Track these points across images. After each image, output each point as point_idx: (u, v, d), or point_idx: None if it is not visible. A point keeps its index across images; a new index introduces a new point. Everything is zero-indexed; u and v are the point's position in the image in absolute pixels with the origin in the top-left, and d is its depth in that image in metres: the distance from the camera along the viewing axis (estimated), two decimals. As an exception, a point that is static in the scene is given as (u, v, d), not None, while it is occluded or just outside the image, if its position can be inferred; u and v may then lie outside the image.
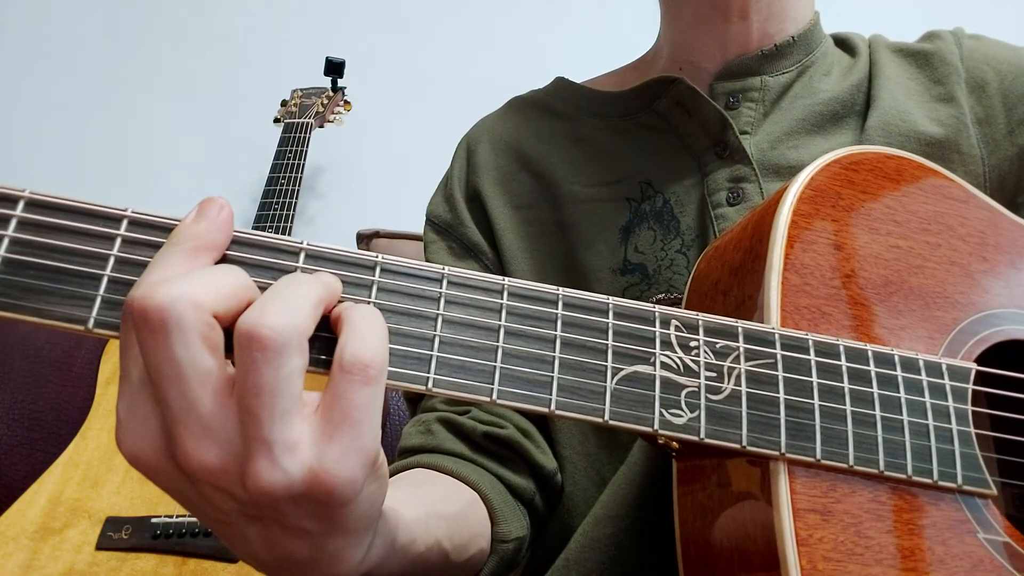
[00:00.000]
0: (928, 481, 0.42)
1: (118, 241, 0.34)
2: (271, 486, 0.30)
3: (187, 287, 0.31)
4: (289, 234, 1.32)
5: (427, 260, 0.73)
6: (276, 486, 0.30)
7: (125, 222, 0.35)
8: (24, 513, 0.92)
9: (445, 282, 0.38)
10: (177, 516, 0.91)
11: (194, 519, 0.90)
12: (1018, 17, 1.68)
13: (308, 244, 0.36)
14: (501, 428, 0.63)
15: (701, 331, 0.41)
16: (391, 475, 0.58)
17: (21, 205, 0.34)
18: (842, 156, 0.51)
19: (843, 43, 0.71)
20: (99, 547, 0.88)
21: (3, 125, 1.74)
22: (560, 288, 0.40)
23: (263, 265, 0.35)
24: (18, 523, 0.91)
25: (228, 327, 0.31)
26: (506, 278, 0.39)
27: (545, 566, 0.60)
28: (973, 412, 0.44)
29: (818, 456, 0.40)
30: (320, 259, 0.36)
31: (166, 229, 0.35)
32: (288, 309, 0.31)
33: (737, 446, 0.39)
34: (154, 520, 0.91)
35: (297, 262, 0.36)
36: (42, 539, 0.89)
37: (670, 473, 0.48)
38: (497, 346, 0.37)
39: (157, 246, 0.34)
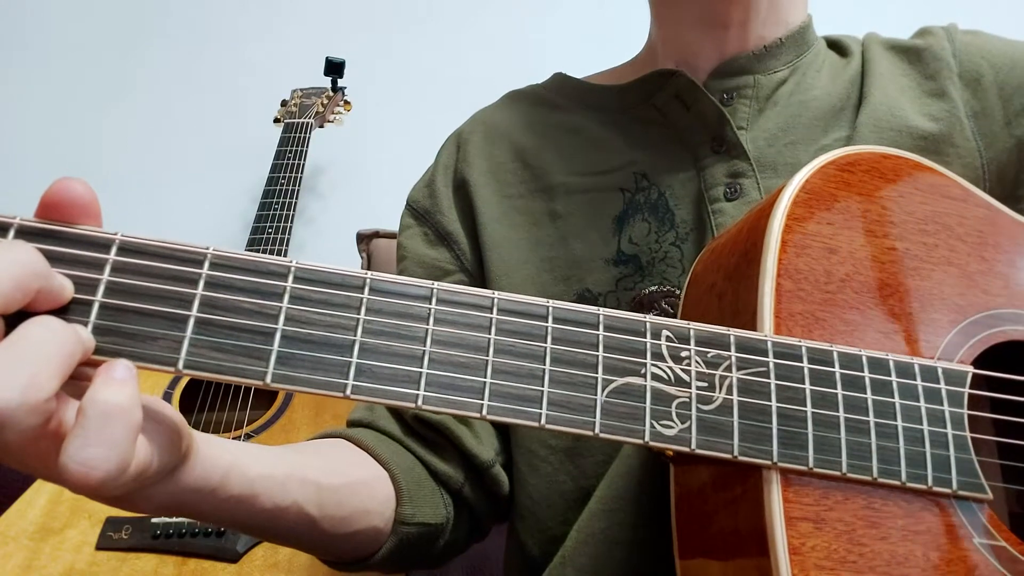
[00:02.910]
0: (923, 487, 0.41)
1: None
2: None
3: None
4: (289, 234, 1.32)
5: (400, 243, 0.74)
6: None
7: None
8: (24, 513, 0.92)
9: (434, 299, 0.38)
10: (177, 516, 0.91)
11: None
12: (1018, 16, 1.67)
13: (296, 264, 0.36)
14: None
15: (692, 341, 0.41)
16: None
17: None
18: (838, 157, 0.50)
19: (835, 45, 0.72)
20: (99, 547, 0.88)
21: (3, 125, 1.74)
22: (550, 301, 0.39)
23: (249, 288, 0.35)
24: (18, 523, 0.91)
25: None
26: (496, 292, 0.39)
27: (543, 566, 0.60)
28: (970, 415, 0.44)
29: (810, 464, 0.40)
30: (308, 280, 0.36)
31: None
32: (23, 371, 0.28)
33: (728, 456, 0.39)
34: (154, 520, 0.90)
35: (286, 283, 0.36)
36: (42, 539, 0.89)
37: (665, 468, 0.48)
38: (487, 362, 0.37)
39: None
